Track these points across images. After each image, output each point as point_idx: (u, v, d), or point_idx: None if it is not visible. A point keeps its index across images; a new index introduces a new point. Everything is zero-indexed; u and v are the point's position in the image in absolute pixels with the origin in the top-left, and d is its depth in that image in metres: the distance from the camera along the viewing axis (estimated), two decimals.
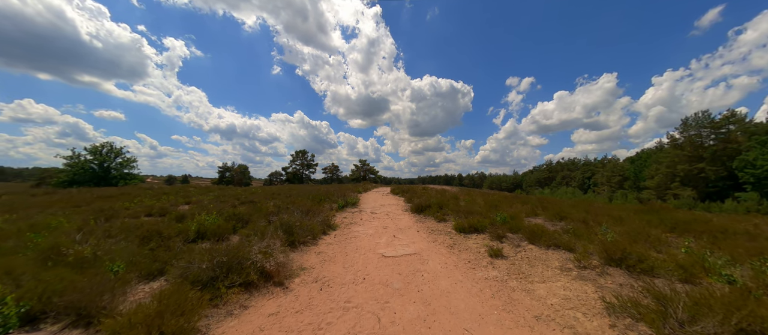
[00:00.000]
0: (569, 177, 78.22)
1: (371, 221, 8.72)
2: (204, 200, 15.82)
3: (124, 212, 11.28)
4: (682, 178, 45.34)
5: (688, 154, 45.20)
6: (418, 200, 11.06)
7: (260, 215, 8.03)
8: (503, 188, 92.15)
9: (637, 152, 62.75)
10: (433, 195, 13.95)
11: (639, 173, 57.16)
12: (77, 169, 31.46)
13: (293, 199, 12.77)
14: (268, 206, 9.03)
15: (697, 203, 38.56)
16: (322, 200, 11.65)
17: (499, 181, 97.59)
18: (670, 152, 47.98)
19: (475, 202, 10.57)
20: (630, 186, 57.37)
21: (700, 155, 43.92)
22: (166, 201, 15.20)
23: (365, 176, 66.80)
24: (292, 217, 7.55)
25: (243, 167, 63.82)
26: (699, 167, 43.11)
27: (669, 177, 47.97)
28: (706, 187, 43.20)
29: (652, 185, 50.22)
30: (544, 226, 6.39)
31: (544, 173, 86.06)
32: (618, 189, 58.57)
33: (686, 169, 44.54)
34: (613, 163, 63.95)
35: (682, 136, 47.46)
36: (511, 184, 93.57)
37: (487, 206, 9.36)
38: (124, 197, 16.79)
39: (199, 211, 10.24)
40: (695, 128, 45.71)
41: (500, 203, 9.89)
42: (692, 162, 44.22)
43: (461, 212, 8.43)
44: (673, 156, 46.89)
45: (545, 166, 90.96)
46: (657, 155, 54.12)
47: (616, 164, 61.87)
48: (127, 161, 35.28)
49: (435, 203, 10.02)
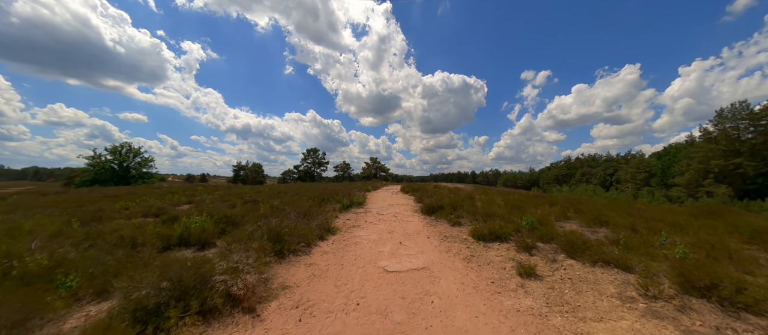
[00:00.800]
0: (589, 174, 74.89)
1: (376, 224, 7.77)
2: (207, 199, 15.34)
3: (123, 213, 10.81)
4: (716, 174, 42.08)
5: (723, 148, 41.88)
6: (429, 199, 10.02)
7: (254, 217, 7.22)
8: (519, 185, 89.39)
9: (664, 147, 59.05)
10: (446, 194, 12.85)
11: (667, 169, 53.67)
12: (99, 169, 32.37)
13: (297, 198, 11.99)
14: (264, 207, 8.24)
15: (733, 201, 35.60)
16: (326, 200, 10.80)
17: (514, 178, 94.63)
18: (703, 147, 44.65)
19: (493, 202, 9.44)
20: (657, 183, 54.02)
21: (737, 149, 40.56)
22: (169, 200, 14.79)
23: (376, 174, 66.00)
24: (285, 220, 6.69)
25: (257, 165, 64.32)
26: (735, 162, 39.82)
27: (701, 174, 44.70)
28: (744, 184, 39.88)
29: (682, 182, 46.98)
30: (583, 234, 5.25)
31: (562, 169, 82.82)
32: (643, 186, 55.30)
33: (721, 164, 41.27)
34: (638, 159, 60.53)
35: (717, 129, 44.03)
36: (527, 181, 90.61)
37: (508, 208, 8.23)
38: (129, 196, 16.53)
39: (197, 211, 9.59)
40: (731, 120, 42.28)
41: (523, 203, 8.72)
42: (728, 157, 40.93)
43: (479, 214, 7.35)
44: (707, 151, 43.60)
45: (563, 162, 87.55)
46: (687, 149, 50.64)
47: (641, 159, 58.50)
48: (145, 160, 36.07)
49: (448, 203, 8.96)
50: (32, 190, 21.98)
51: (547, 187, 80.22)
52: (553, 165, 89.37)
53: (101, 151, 33.34)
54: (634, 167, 57.46)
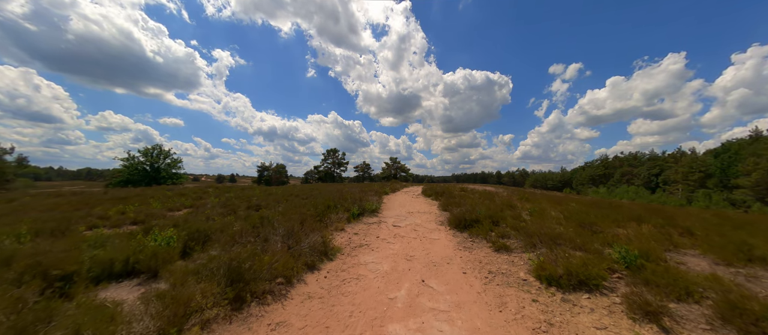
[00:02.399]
0: (631, 174, 68.44)
1: (390, 243, 5.85)
2: (211, 202, 14.17)
3: (114, 219, 9.69)
4: None
5: None
6: (458, 208, 7.93)
7: (228, 235, 5.54)
8: (549, 186, 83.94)
9: (722, 144, 52.04)
10: (478, 200, 10.65)
11: (727, 168, 47.10)
12: (132, 169, 33.50)
13: (299, 204, 10.36)
14: (240, 225, 6.58)
15: None
16: (333, 207, 9.05)
17: (544, 179, 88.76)
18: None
19: (545, 213, 7.18)
20: (715, 185, 47.61)
21: None
22: (172, 203, 13.76)
23: (396, 174, 64.02)
24: (266, 243, 4.93)
25: (280, 166, 64.55)
26: None
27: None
28: None
29: (748, 183, 40.89)
30: (736, 282, 3.02)
31: (598, 169, 76.55)
32: (698, 188, 49.05)
33: None
34: (690, 157, 54.05)
35: None
36: (558, 182, 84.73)
37: (572, 224, 5.98)
38: (137, 198, 15.80)
39: (186, 219, 8.17)
40: None
41: (590, 216, 6.39)
42: None
43: (533, 233, 5.20)
44: None
45: (599, 161, 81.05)
46: (754, 146, 44.14)
47: (694, 158, 52.12)
48: (174, 161, 37.07)
49: (484, 214, 6.83)
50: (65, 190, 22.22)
51: (582, 188, 74.40)
52: (587, 164, 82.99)
53: (135, 153, 34.57)
54: (686, 166, 51.14)
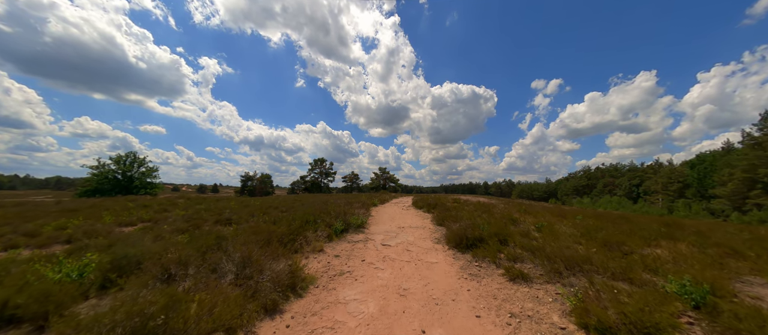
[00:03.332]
0: (612, 185, 70.12)
1: (379, 269, 4.73)
2: (177, 215, 12.59)
3: (46, 236, 8.09)
4: (766, 184, 37.38)
5: None
6: (456, 223, 6.91)
7: (160, 266, 4.27)
8: (535, 197, 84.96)
9: (697, 155, 54.05)
10: (474, 213, 9.69)
11: (703, 179, 48.72)
12: (101, 178, 31.12)
13: (281, 217, 9.09)
14: (175, 252, 5.31)
15: None
16: (312, 223, 7.84)
17: (530, 189, 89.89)
18: (748, 154, 40.09)
19: (555, 230, 6.25)
20: (693, 195, 49.06)
21: None
22: (130, 216, 12.10)
23: (385, 184, 62.90)
24: (201, 282, 3.72)
25: (265, 176, 62.05)
26: None
27: (747, 184, 40.05)
28: None
29: (724, 193, 42.27)
30: None
31: (581, 180, 78.18)
32: (677, 198, 50.42)
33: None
34: (668, 168, 55.82)
35: (763, 133, 39.49)
36: (544, 193, 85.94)
37: (594, 243, 5.06)
38: (90, 210, 14.00)
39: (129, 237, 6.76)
40: None
41: (607, 232, 5.51)
42: None
43: (554, 257, 4.22)
44: (753, 158, 39.07)
45: (582, 172, 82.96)
46: (728, 157, 45.95)
47: (672, 169, 53.79)
48: (149, 170, 34.78)
49: (487, 231, 5.84)
50: (6, 202, 19.78)
51: (566, 199, 75.54)
52: (571, 176, 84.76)
53: (106, 160, 32.24)
54: (665, 177, 52.67)
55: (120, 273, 4.16)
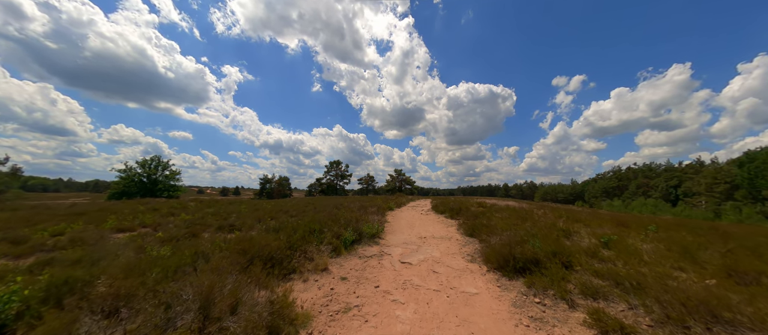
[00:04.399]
0: (646, 186, 65.23)
1: (397, 302, 3.48)
2: (182, 219, 11.88)
3: (33, 243, 7.43)
4: None
5: None
6: (495, 237, 5.51)
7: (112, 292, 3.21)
8: (559, 199, 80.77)
9: (745, 153, 48.91)
10: (509, 220, 8.21)
11: (755, 179, 43.85)
12: (128, 181, 32.01)
13: (287, 223, 8.03)
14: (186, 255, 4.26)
15: None
16: (317, 232, 6.68)
17: (554, 191, 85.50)
18: None
19: (629, 247, 4.73)
20: (744, 196, 44.30)
21: None
22: (135, 220, 11.47)
23: (401, 187, 61.49)
24: None
25: (283, 179, 62.37)
26: None
27: None
28: None
29: None
30: None
31: (611, 181, 73.44)
32: (725, 200, 45.75)
33: None
34: (713, 168, 50.95)
35: None
36: (569, 195, 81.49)
37: (700, 267, 3.56)
38: (98, 214, 13.59)
39: (113, 248, 5.89)
40: None
41: (711, 250, 3.96)
42: None
43: (673, 299, 2.79)
44: None
45: (612, 173, 78.09)
46: None
47: (718, 168, 49.01)
48: (172, 173, 35.58)
49: (541, 248, 4.43)
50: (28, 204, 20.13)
51: (595, 201, 71.19)
52: (599, 176, 79.98)
53: (132, 164, 33.22)
54: (710, 177, 47.99)
55: (57, 301, 3.14)
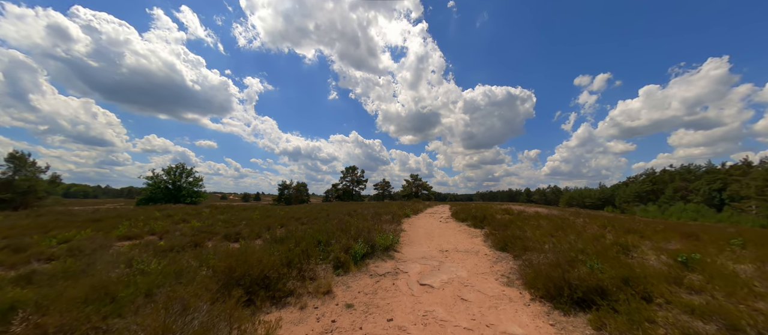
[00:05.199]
0: (685, 189, 60.26)
1: None
2: (191, 226, 11.51)
3: (32, 251, 7.15)
4: None
5: None
6: (538, 254, 4.50)
7: None
8: (587, 205, 76.32)
9: None
10: (546, 229, 7.09)
11: None
12: (154, 188, 33.22)
13: (294, 234, 7.34)
14: None
15: None
16: (324, 244, 5.91)
17: (580, 196, 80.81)
18: None
19: (720, 270, 3.60)
20: None
21: None
22: (146, 227, 11.21)
23: (417, 192, 60.19)
24: None
25: (301, 185, 62.88)
26: None
27: None
28: None
29: None
30: None
31: (644, 184, 68.56)
32: None
33: None
34: (764, 168, 46.25)
35: None
36: (597, 199, 76.75)
37: None
38: (113, 220, 13.54)
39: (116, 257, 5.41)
40: None
41: None
42: None
43: None
44: None
45: (644, 176, 73.03)
46: None
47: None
48: (195, 180, 36.64)
49: (607, 272, 3.41)
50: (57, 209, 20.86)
51: (627, 206, 66.70)
52: (630, 180, 74.98)
53: (159, 171, 34.57)
54: (761, 179, 43.44)
55: None
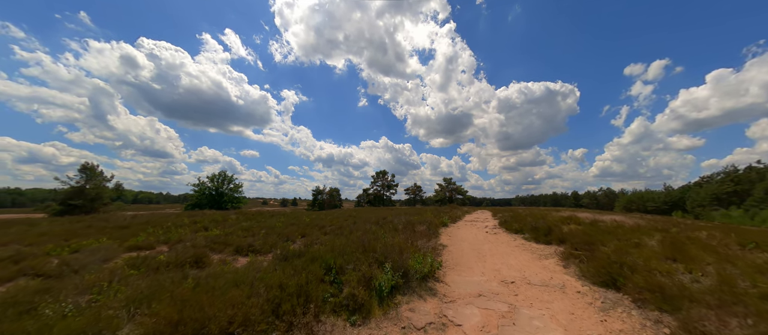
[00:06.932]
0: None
1: None
2: (205, 235, 10.66)
3: (34, 263, 6.54)
4: None
5: None
6: (686, 304, 2.51)
7: None
8: (649, 209, 67.16)
9: None
10: (661, 250, 4.88)
11: None
12: (200, 194, 35.29)
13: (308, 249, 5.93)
14: None
15: None
16: (337, 271, 4.36)
17: (641, 199, 71.24)
18: None
19: None
20: None
21: None
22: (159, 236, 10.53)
23: (451, 196, 57.08)
24: None
25: (334, 190, 63.34)
26: None
27: None
28: None
29: None
30: None
31: (724, 185, 58.53)
32: None
33: None
34: None
35: None
36: (662, 203, 67.09)
37: None
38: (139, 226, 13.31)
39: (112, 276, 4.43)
40: None
41: None
42: None
43: None
44: None
45: (723, 174, 62.54)
46: None
47: None
48: (236, 186, 38.14)
49: None
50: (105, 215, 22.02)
51: (702, 211, 57.38)
52: (704, 180, 64.82)
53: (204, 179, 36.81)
54: None
55: None
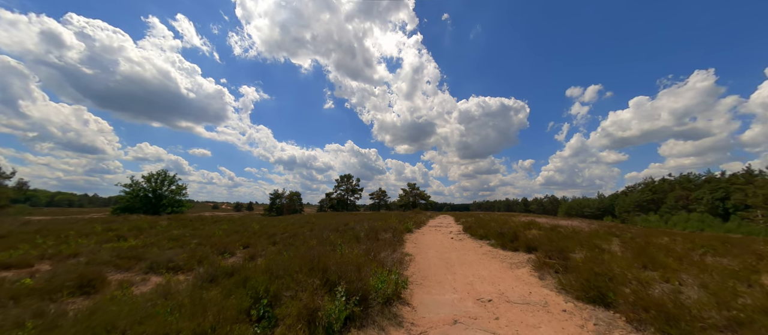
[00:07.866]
0: (686, 199, 59.00)
1: None
2: (121, 247, 8.66)
3: None
4: None
5: None
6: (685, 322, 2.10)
7: None
8: (586, 215, 74.74)
9: None
10: (629, 256, 4.74)
11: None
12: (132, 196, 30.27)
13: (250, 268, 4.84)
14: None
15: None
16: (265, 303, 3.46)
17: (579, 206, 79.26)
18: None
19: None
20: None
21: None
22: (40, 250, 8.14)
23: (415, 202, 57.70)
24: None
25: (294, 194, 59.37)
26: None
27: None
28: None
29: None
30: None
31: (644, 194, 67.29)
32: None
33: None
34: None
35: None
36: (596, 209, 75.29)
37: None
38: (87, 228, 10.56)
39: None
40: None
41: None
42: None
43: None
44: None
45: (643, 185, 71.96)
46: None
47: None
48: (178, 188, 33.63)
49: None
50: None
51: (627, 216, 65.15)
52: (629, 189, 73.84)
53: (139, 179, 31.64)
54: (767, 188, 42.18)
55: None
